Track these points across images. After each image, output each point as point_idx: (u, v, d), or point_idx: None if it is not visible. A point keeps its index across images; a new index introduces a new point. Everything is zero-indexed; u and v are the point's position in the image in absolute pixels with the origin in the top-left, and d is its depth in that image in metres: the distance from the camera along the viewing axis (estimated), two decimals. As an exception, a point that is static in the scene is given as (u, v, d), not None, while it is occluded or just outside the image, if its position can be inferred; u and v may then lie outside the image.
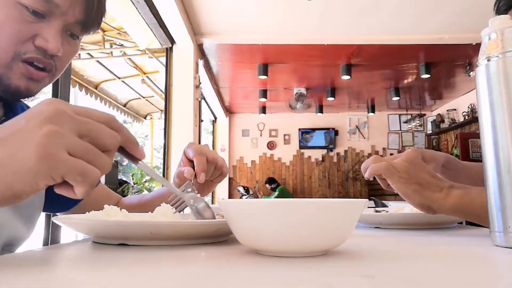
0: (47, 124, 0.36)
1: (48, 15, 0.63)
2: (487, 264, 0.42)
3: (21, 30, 0.62)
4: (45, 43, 0.63)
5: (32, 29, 0.63)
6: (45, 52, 0.64)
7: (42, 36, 0.63)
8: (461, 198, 0.63)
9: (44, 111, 0.37)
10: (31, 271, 0.36)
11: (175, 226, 0.51)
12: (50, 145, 0.36)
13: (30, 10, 0.61)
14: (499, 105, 0.48)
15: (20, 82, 0.63)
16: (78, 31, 0.69)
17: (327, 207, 0.40)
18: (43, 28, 0.63)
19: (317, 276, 0.33)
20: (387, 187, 0.75)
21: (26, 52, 0.63)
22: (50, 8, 0.63)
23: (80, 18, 0.67)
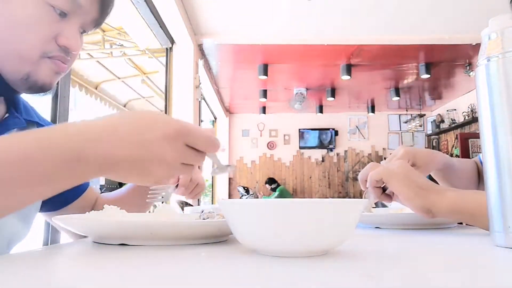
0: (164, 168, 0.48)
1: (70, 14, 0.66)
2: (487, 264, 0.42)
3: (48, 29, 0.64)
4: (68, 42, 0.66)
5: (55, 28, 0.65)
6: (66, 50, 0.67)
7: (64, 35, 0.66)
8: (456, 199, 0.64)
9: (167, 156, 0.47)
10: (31, 271, 0.36)
11: (175, 226, 0.51)
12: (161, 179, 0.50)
13: (57, 11, 0.64)
14: (499, 105, 0.48)
15: (46, 78, 0.67)
16: (89, 28, 0.72)
17: (327, 207, 0.40)
18: (64, 27, 0.66)
19: (317, 276, 0.33)
20: (380, 196, 0.75)
21: (51, 51, 0.65)
22: (74, 8, 0.66)
23: (96, 16, 0.70)
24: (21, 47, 0.63)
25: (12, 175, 0.42)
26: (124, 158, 0.46)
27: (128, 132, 0.46)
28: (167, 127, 0.47)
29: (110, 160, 0.46)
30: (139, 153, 0.46)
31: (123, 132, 0.46)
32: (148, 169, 0.47)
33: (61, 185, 0.46)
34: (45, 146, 0.43)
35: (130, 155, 0.46)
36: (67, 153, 0.44)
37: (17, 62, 0.63)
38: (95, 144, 0.45)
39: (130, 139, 0.46)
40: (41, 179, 0.43)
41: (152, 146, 0.46)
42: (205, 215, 0.63)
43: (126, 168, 0.47)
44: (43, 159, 0.43)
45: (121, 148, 0.46)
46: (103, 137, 0.46)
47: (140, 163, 0.47)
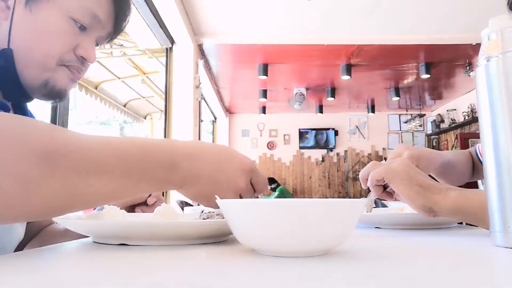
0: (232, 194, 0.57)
1: (89, 29, 0.71)
2: (487, 264, 0.42)
3: (69, 41, 0.69)
4: (86, 53, 0.71)
5: (75, 40, 0.70)
6: (82, 61, 0.72)
7: (83, 47, 0.71)
8: (458, 198, 0.64)
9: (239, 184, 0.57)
10: (31, 271, 0.36)
11: (175, 226, 0.51)
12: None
13: (78, 24, 0.69)
14: (499, 105, 0.48)
15: (63, 85, 0.71)
16: (103, 42, 0.77)
17: (327, 207, 0.40)
18: (83, 39, 0.71)
19: (317, 276, 0.33)
20: (381, 194, 0.75)
21: (69, 61, 0.70)
22: (93, 23, 0.71)
23: (110, 31, 0.76)
24: (42, 55, 0.67)
25: (132, 168, 0.49)
26: (205, 177, 0.54)
27: (213, 157, 0.56)
28: (243, 162, 0.58)
29: (194, 176, 0.54)
30: (218, 177, 0.55)
31: (209, 156, 0.55)
32: (220, 191, 0.54)
33: (153, 187, 0.52)
34: (153, 152, 0.51)
35: (211, 175, 0.55)
36: (166, 162, 0.51)
37: (37, 69, 0.68)
38: (186, 159, 0.53)
39: (214, 163, 0.55)
40: (145, 177, 0.50)
41: (230, 173, 0.56)
42: (205, 215, 0.63)
43: (203, 187, 0.54)
44: (150, 161, 0.50)
45: (205, 168, 0.54)
46: (193, 156, 0.54)
47: (216, 185, 0.55)
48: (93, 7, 0.70)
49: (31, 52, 0.67)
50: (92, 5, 0.70)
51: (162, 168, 0.51)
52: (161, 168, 0.51)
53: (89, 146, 0.46)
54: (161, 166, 0.51)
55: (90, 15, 0.70)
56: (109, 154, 0.47)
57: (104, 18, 0.72)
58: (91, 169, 0.45)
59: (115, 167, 0.47)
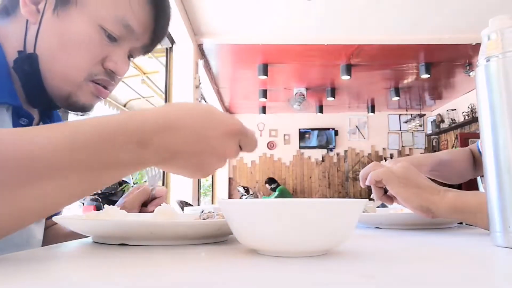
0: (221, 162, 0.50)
1: (121, 39, 0.66)
2: (487, 264, 0.42)
3: (97, 52, 0.65)
4: (115, 66, 0.67)
5: (104, 51, 0.66)
6: (111, 74, 0.68)
7: (112, 59, 0.67)
8: (457, 198, 0.64)
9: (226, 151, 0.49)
10: (31, 271, 0.36)
11: (175, 226, 0.51)
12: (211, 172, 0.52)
13: (106, 34, 0.65)
14: (499, 105, 0.48)
15: (87, 100, 0.68)
16: (138, 54, 0.73)
17: (327, 207, 0.40)
18: (113, 51, 0.67)
19: (317, 276, 0.33)
20: (381, 197, 0.75)
21: (97, 74, 0.66)
22: (125, 34, 0.66)
23: (146, 43, 0.71)
24: (68, 66, 0.64)
25: (90, 158, 0.42)
26: (185, 150, 0.47)
27: (192, 125, 0.48)
28: (230, 125, 0.49)
29: (172, 151, 0.47)
30: (200, 148, 0.48)
31: (186, 125, 0.47)
32: (205, 163, 0.49)
33: (124, 172, 0.46)
34: (120, 132, 0.44)
35: (192, 149, 0.47)
36: (133, 140, 0.44)
37: (61, 81, 0.65)
38: (158, 133, 0.45)
39: (194, 132, 0.47)
40: (110, 164, 0.44)
41: (214, 142, 0.48)
42: (205, 215, 0.63)
43: (185, 161, 0.48)
44: (112, 144, 0.43)
45: (184, 141, 0.47)
46: (166, 127, 0.46)
47: (199, 157, 0.48)
48: (126, 17, 0.65)
49: (56, 62, 0.64)
50: (125, 14, 0.65)
51: (129, 149, 0.44)
52: (127, 149, 0.44)
53: (29, 149, 0.39)
54: (126, 147, 0.44)
55: (122, 25, 0.65)
56: (57, 151, 0.40)
57: (138, 29, 0.67)
58: (36, 176, 0.39)
59: (68, 164, 0.41)
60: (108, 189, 3.71)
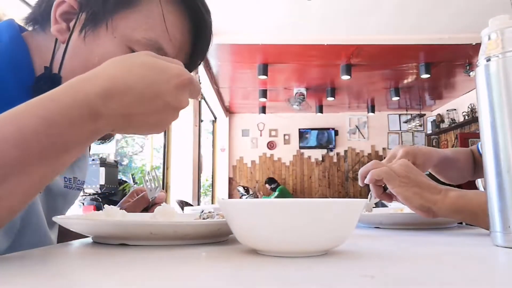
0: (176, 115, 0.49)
1: None
2: (487, 264, 0.42)
3: None
4: None
5: None
6: None
7: None
8: (458, 198, 0.64)
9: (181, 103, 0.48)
10: (31, 271, 0.36)
11: (175, 226, 0.51)
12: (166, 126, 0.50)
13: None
14: (499, 105, 0.48)
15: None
16: None
17: (327, 207, 0.40)
18: None
19: (317, 276, 0.33)
20: (380, 195, 0.75)
21: None
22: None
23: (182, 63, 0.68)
24: None
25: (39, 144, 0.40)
26: (140, 112, 0.46)
27: (143, 84, 0.45)
28: (180, 78, 0.47)
29: (127, 116, 0.45)
30: (155, 105, 0.46)
31: (134, 84, 0.45)
32: (163, 119, 0.48)
33: (79, 149, 0.44)
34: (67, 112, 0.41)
35: (147, 108, 0.46)
36: (88, 114, 0.42)
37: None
38: (107, 100, 0.43)
39: (146, 92, 0.45)
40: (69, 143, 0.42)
41: (168, 97, 0.46)
42: (205, 215, 0.63)
43: (141, 121, 0.47)
44: (67, 124, 0.41)
45: (137, 103, 0.45)
46: (114, 92, 0.44)
47: (155, 115, 0.47)
48: (159, 40, 0.61)
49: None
50: (158, 37, 0.61)
51: (80, 126, 0.42)
52: (78, 127, 0.42)
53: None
54: (78, 125, 0.42)
55: (154, 48, 0.60)
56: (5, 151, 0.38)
57: (172, 52, 0.63)
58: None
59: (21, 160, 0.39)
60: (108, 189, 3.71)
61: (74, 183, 0.78)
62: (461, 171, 0.99)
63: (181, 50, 0.65)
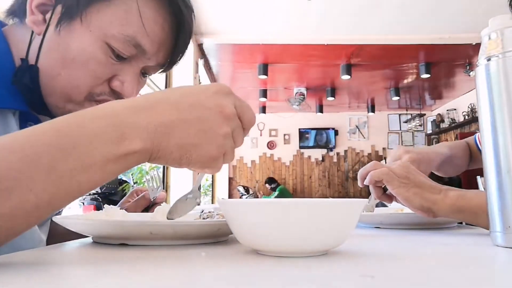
0: (226, 125, 0.44)
1: (131, 58, 0.62)
2: (487, 264, 0.42)
3: (101, 71, 0.60)
4: (121, 86, 0.62)
5: (111, 71, 0.61)
6: (118, 94, 0.63)
7: (119, 79, 0.62)
8: (458, 198, 0.64)
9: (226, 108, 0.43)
10: (31, 271, 0.36)
11: (175, 226, 0.51)
12: (225, 146, 0.44)
13: (115, 53, 0.60)
14: (499, 105, 0.48)
15: None
16: (153, 72, 0.68)
17: (327, 207, 0.40)
18: (122, 69, 0.62)
19: (317, 276, 0.33)
20: (380, 196, 0.75)
21: (101, 94, 0.62)
22: (135, 53, 0.61)
23: (162, 62, 0.66)
24: (69, 85, 0.59)
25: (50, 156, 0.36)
26: (179, 119, 0.41)
27: (180, 96, 0.42)
28: (217, 86, 0.44)
29: (162, 126, 0.40)
30: (196, 113, 0.42)
31: (174, 97, 0.42)
32: (209, 130, 0.42)
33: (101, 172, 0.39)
34: (82, 120, 0.38)
35: (186, 116, 0.41)
36: (109, 125, 0.38)
37: (61, 99, 0.60)
38: (140, 113, 0.39)
39: (184, 102, 0.42)
40: (81, 160, 0.37)
41: (208, 102, 0.42)
42: (205, 215, 0.63)
43: (182, 132, 0.41)
44: (80, 135, 0.37)
45: (174, 111, 0.41)
46: (149, 105, 0.40)
47: (198, 124, 0.42)
48: (137, 36, 0.60)
49: (57, 78, 0.59)
50: (136, 34, 0.60)
51: (103, 139, 0.38)
52: (101, 140, 0.38)
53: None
54: (99, 137, 0.38)
55: (131, 44, 0.60)
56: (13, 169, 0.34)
57: (151, 49, 0.62)
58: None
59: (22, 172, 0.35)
60: (108, 189, 3.71)
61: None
62: (457, 166, 1.00)
63: (161, 45, 0.64)
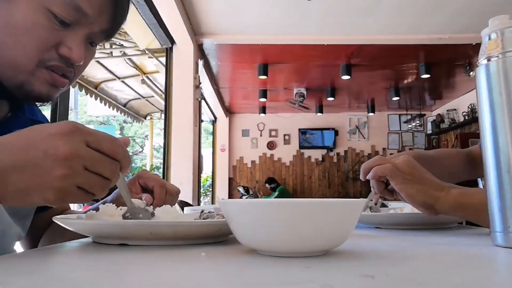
0: (61, 167, 0.42)
1: (74, 24, 0.63)
2: (487, 264, 0.42)
3: (47, 37, 0.61)
4: (69, 52, 0.63)
5: (57, 37, 0.62)
6: (67, 61, 0.64)
7: (66, 45, 0.63)
8: (460, 195, 0.64)
9: (60, 149, 0.42)
10: (31, 271, 0.36)
11: (175, 226, 0.51)
12: (64, 188, 0.43)
13: (58, 19, 0.60)
14: (499, 105, 0.48)
15: (42, 88, 0.63)
16: (99, 39, 0.69)
17: (327, 207, 0.40)
18: (68, 36, 0.63)
19: (317, 276, 0.33)
20: (382, 191, 0.75)
21: (50, 60, 0.62)
22: (78, 18, 0.62)
23: (105, 27, 0.67)
24: (17, 53, 0.60)
25: None
26: (12, 166, 0.41)
27: (15, 138, 0.42)
28: (59, 126, 0.43)
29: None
30: (29, 156, 0.42)
31: (9, 140, 0.42)
32: (43, 173, 0.42)
33: None
34: None
35: (19, 160, 0.41)
36: None
37: (12, 69, 0.61)
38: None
39: (16, 144, 0.42)
40: None
41: (43, 145, 0.42)
42: (205, 215, 0.63)
43: (17, 179, 0.42)
44: None
45: (6, 156, 0.41)
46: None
47: (32, 168, 0.42)
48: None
49: (2, 49, 0.59)
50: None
51: None
52: None
53: None
54: None
55: (72, 8, 0.60)
56: None
57: (92, 12, 0.62)
58: None
59: None
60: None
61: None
62: (448, 167, 0.96)
63: (102, 11, 0.64)
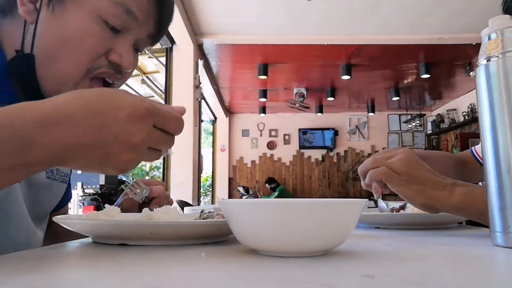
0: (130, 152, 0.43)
1: (124, 29, 0.63)
2: (487, 264, 0.42)
3: (98, 46, 0.61)
4: (120, 58, 0.63)
5: (107, 44, 0.62)
6: (116, 67, 0.64)
7: (116, 51, 0.63)
8: (465, 196, 0.62)
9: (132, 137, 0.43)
10: (31, 271, 0.36)
11: (175, 226, 0.51)
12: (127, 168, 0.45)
13: (109, 26, 0.61)
14: (499, 105, 0.48)
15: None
16: (145, 45, 0.69)
17: (327, 207, 0.40)
18: (117, 42, 0.63)
19: (317, 276, 0.33)
20: (384, 187, 0.74)
21: (99, 67, 0.62)
22: (128, 23, 0.62)
23: (152, 31, 0.67)
24: (67, 65, 0.60)
25: None
26: (83, 144, 0.41)
27: (88, 112, 0.42)
28: (134, 106, 0.43)
29: (67, 148, 0.41)
30: (100, 137, 0.42)
31: (81, 114, 0.41)
32: (112, 155, 0.43)
33: (12, 178, 0.42)
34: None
35: (90, 140, 0.42)
36: (13, 138, 0.39)
37: (58, 82, 0.61)
38: (48, 129, 0.40)
39: (90, 123, 0.41)
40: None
41: (116, 128, 0.42)
42: (205, 215, 0.63)
43: (86, 156, 0.42)
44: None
45: (79, 133, 0.41)
46: (54, 121, 0.40)
47: (102, 149, 0.42)
48: (126, 2, 0.61)
49: (54, 60, 0.60)
50: (124, 0, 0.61)
51: (8, 153, 0.39)
52: (6, 153, 0.39)
53: None
54: (11, 153, 0.39)
55: (123, 11, 0.61)
56: None
57: (141, 16, 0.63)
58: None
59: None
60: (108, 189, 3.70)
61: (57, 175, 0.76)
62: (439, 163, 0.94)
63: (149, 15, 0.65)
